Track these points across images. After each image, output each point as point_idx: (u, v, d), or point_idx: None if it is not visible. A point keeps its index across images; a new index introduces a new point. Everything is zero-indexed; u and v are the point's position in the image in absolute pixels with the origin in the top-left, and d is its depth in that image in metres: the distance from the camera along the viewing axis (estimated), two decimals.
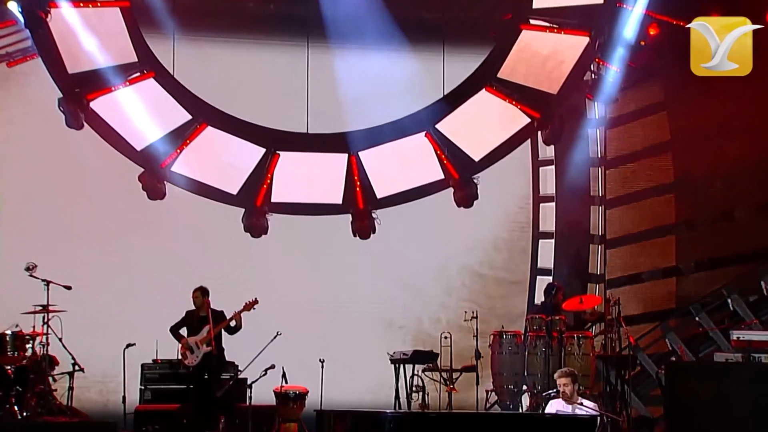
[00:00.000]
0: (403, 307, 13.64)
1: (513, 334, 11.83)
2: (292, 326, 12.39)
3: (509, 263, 13.94)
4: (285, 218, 13.08)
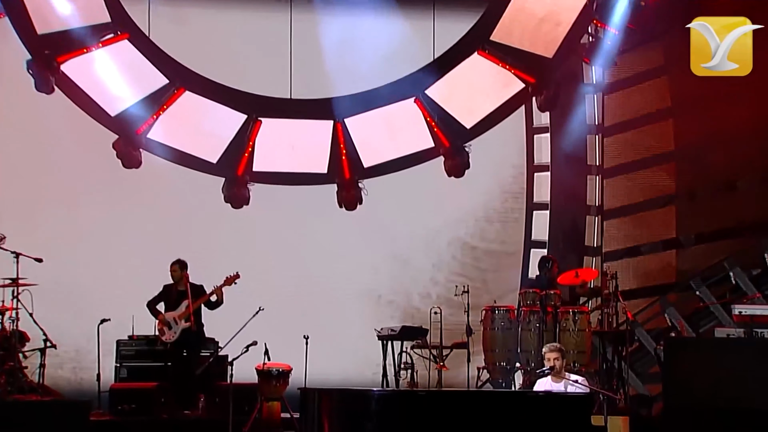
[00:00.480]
0: (391, 281, 13.65)
1: (506, 309, 11.86)
2: (274, 301, 12.40)
3: (502, 235, 13.94)
4: (267, 188, 13.06)
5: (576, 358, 11.51)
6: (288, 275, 13.21)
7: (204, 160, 12.55)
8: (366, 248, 13.48)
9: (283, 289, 13.07)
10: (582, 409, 8.35)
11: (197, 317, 11.40)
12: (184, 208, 12.96)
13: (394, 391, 10.76)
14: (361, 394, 8.25)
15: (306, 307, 13.11)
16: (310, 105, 12.75)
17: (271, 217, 13.20)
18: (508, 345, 11.75)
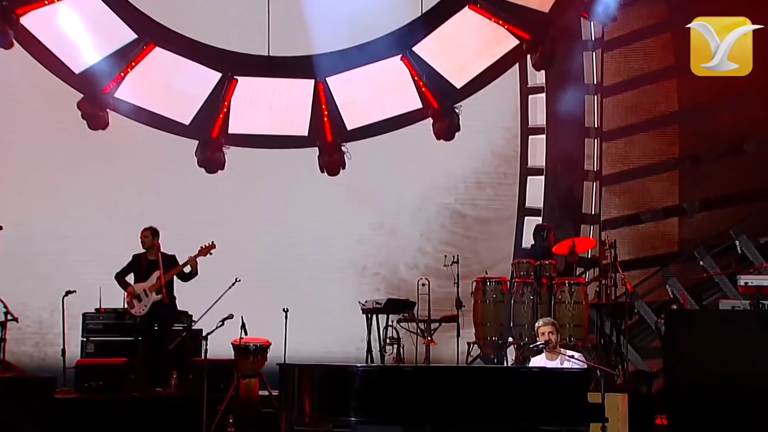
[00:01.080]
0: (377, 251, 13.65)
1: (498, 281, 11.86)
2: (252, 272, 12.37)
3: (494, 202, 13.93)
4: (244, 152, 13.02)
5: (572, 332, 11.52)
6: (266, 245, 13.19)
7: (176, 122, 12.51)
8: (349, 216, 13.48)
9: (262, 260, 13.06)
10: (578, 385, 8.35)
11: (169, 289, 11.36)
12: (154, 173, 12.91)
13: (379, 367, 10.76)
14: (344, 370, 8.24)
15: (285, 278, 13.11)
16: (290, 63, 12.69)
17: (248, 182, 13.17)
18: (500, 318, 11.76)
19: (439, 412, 8.10)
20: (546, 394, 8.26)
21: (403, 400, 8.03)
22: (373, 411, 7.99)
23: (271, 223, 13.26)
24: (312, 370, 8.30)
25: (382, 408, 8.01)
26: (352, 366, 8.33)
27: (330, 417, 7.98)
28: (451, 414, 8.12)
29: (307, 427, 8.23)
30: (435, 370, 8.73)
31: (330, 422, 7.97)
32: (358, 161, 13.27)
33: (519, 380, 8.38)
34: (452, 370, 8.88)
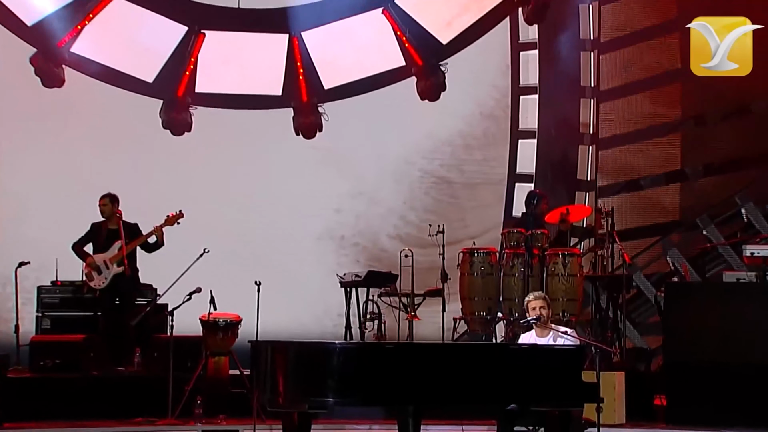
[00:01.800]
0: (355, 220, 13.64)
1: (486, 252, 11.88)
2: (221, 243, 12.38)
3: (482, 167, 13.94)
4: (212, 113, 12.99)
5: (566, 306, 11.56)
6: (237, 213, 13.18)
7: (138, 80, 12.46)
8: (326, 182, 13.47)
9: (232, 229, 13.04)
10: (572, 364, 8.37)
11: (131, 260, 11.33)
12: (115, 135, 12.85)
13: (358, 343, 10.77)
14: (320, 347, 8.22)
15: (258, 249, 13.10)
16: (262, 16, 12.64)
17: (217, 146, 13.13)
18: (489, 292, 11.79)
19: (422, 392, 8.11)
20: (537, 373, 8.27)
21: (385, 380, 8.04)
22: (352, 391, 7.98)
23: (242, 190, 13.23)
24: (286, 348, 8.29)
25: (362, 388, 8.00)
26: (329, 343, 8.31)
27: (306, 398, 7.97)
28: (436, 394, 8.14)
29: (281, 408, 8.23)
30: (419, 347, 8.71)
31: (306, 403, 7.96)
32: (336, 123, 13.23)
33: (508, 358, 8.38)
34: (437, 348, 8.87)
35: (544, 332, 9.07)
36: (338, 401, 8.00)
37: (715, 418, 10.44)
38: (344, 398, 8.01)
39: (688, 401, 10.66)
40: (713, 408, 10.51)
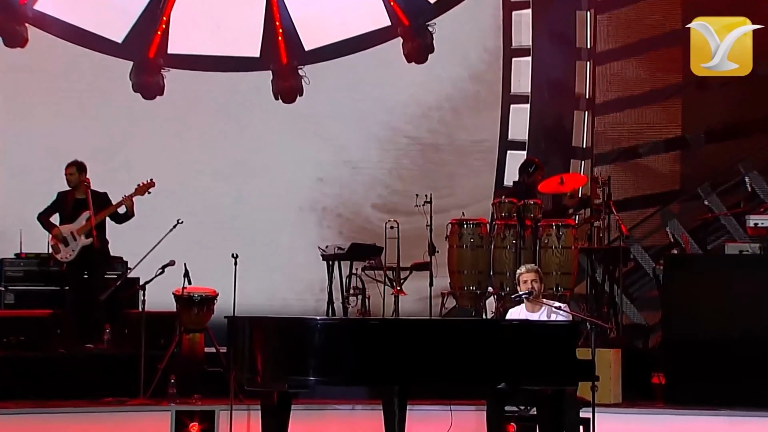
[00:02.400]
0: (339, 190, 13.65)
1: (476, 223, 11.90)
2: (196, 213, 12.40)
3: (472, 134, 13.96)
4: (186, 75, 12.96)
5: (559, 280, 11.60)
6: (213, 182, 13.17)
7: (106, 40, 12.42)
8: (307, 150, 13.47)
9: (207, 199, 13.05)
10: (566, 340, 8.39)
11: (100, 232, 11.31)
12: (82, 99, 12.82)
13: (341, 320, 10.79)
14: (301, 323, 8.23)
15: (235, 220, 13.11)
16: None
17: (191, 111, 13.12)
18: (479, 266, 11.81)
19: (408, 371, 8.14)
20: (529, 350, 8.30)
21: (369, 358, 8.05)
22: (334, 369, 8.00)
23: (217, 157, 13.22)
24: (265, 324, 8.30)
25: (345, 366, 8.02)
26: (310, 319, 8.32)
27: (286, 376, 7.99)
28: (423, 373, 8.16)
29: (260, 387, 8.25)
30: (404, 323, 8.75)
31: (285, 382, 7.97)
32: (318, 87, 13.21)
33: (499, 335, 8.41)
34: (424, 324, 8.90)
35: (536, 307, 9.09)
36: (320, 380, 8.02)
37: (716, 398, 10.50)
38: (326, 377, 8.03)
39: (687, 379, 10.72)
40: (714, 387, 10.56)
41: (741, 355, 10.53)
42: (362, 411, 10.49)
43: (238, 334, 8.47)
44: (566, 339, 8.42)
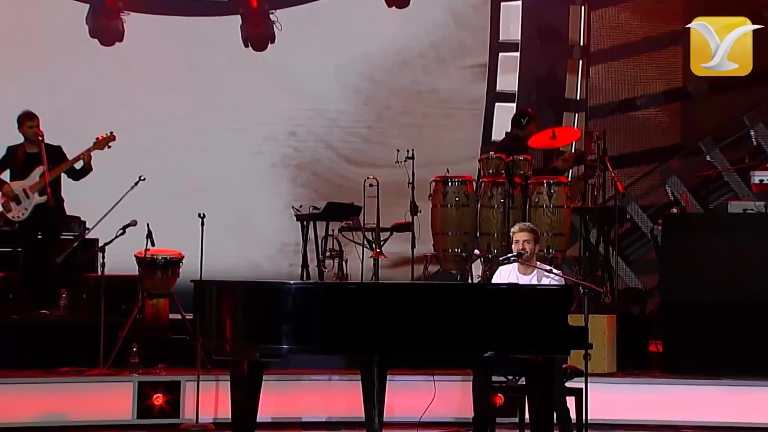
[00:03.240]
0: (314, 145, 13.64)
1: (461, 181, 11.92)
2: (161, 169, 12.37)
3: (457, 84, 13.97)
4: (148, 20, 12.87)
5: (551, 242, 11.65)
6: (178, 135, 13.15)
7: None
8: (280, 102, 13.45)
9: (172, 154, 13.04)
10: (557, 305, 8.44)
11: (55, 189, 11.29)
12: (34, 45, 12.74)
13: (316, 284, 10.82)
14: (273, 288, 8.25)
15: (202, 176, 13.10)
16: None
17: (154, 58, 13.07)
18: (464, 226, 11.85)
19: (389, 339, 8.16)
20: (518, 316, 8.34)
21: (346, 325, 8.08)
22: (309, 337, 8.02)
23: (182, 109, 13.19)
24: (234, 288, 8.32)
25: (321, 334, 8.04)
26: (283, 283, 8.32)
27: (257, 344, 8.01)
28: (404, 341, 8.20)
29: (229, 356, 8.27)
30: (385, 288, 8.76)
31: (257, 351, 7.99)
32: (291, 33, 13.16)
33: (486, 300, 8.43)
34: (405, 288, 8.91)
35: (529, 270, 9.09)
36: (293, 348, 8.04)
37: (718, 366, 10.60)
38: (300, 345, 8.05)
39: (687, 347, 10.81)
40: (715, 354, 10.65)
41: (745, 320, 10.62)
42: (339, 381, 10.55)
43: (205, 300, 8.48)
44: (557, 304, 8.46)
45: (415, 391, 10.06)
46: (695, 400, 10.41)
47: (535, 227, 9.24)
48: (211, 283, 8.55)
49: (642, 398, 10.50)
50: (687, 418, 10.38)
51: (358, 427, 9.71)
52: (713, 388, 10.46)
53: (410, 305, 8.23)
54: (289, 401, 10.42)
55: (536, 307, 8.42)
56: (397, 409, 10.01)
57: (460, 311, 8.28)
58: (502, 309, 8.35)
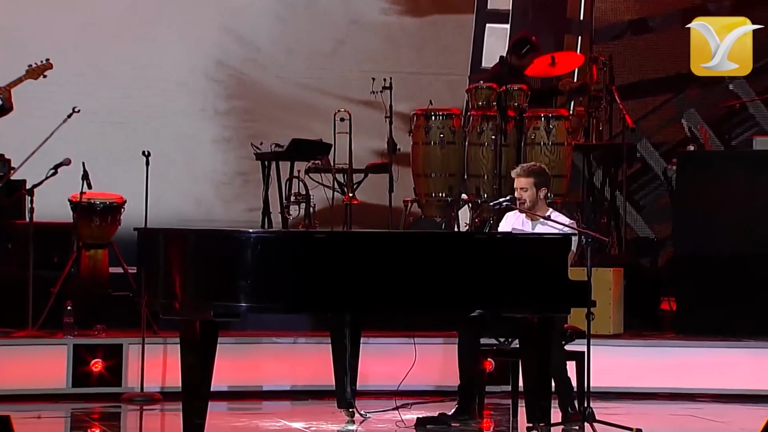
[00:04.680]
0: (276, 71, 13.59)
1: (447, 114, 11.94)
2: (98, 101, 12.35)
3: (442, 1, 13.90)
4: None
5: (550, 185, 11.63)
6: (117, 63, 13.09)
7: None
8: (232, 20, 13.42)
9: (111, 84, 12.98)
10: (556, 257, 8.49)
11: None
12: None
13: (280, 232, 10.84)
14: (230, 236, 8.25)
15: (146, 109, 13.06)
16: None
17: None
18: (450, 167, 11.89)
19: (363, 296, 8.20)
20: (511, 270, 8.39)
21: (314, 280, 8.10)
22: (271, 294, 8.04)
23: (121, 32, 13.11)
24: (185, 237, 8.32)
25: (285, 290, 8.06)
26: (242, 232, 8.32)
27: (211, 302, 8.02)
28: (380, 298, 8.24)
29: (179, 316, 8.29)
30: (358, 237, 8.79)
31: (210, 309, 8.01)
32: None
33: (474, 251, 8.47)
34: (382, 238, 8.93)
35: (535, 218, 9.07)
36: (253, 307, 8.06)
37: (738, 326, 10.69)
38: (261, 303, 8.07)
39: (704, 305, 10.88)
40: (735, 313, 10.73)
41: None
42: (306, 345, 10.61)
43: (151, 251, 8.49)
44: (556, 256, 8.51)
45: (392, 355, 10.13)
46: (713, 365, 10.50)
47: (541, 168, 9.17)
48: (157, 232, 8.58)
49: (652, 362, 10.59)
50: (703, 385, 10.48)
51: (327, 397, 9.80)
52: (733, 351, 10.54)
53: (387, 257, 8.26)
54: (249, 368, 10.48)
55: (531, 259, 8.46)
56: (372, 376, 10.09)
57: (444, 264, 8.32)
58: (492, 261, 8.39)
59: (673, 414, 9.93)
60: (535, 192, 9.01)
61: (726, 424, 9.50)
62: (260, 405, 10.32)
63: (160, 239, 8.43)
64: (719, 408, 10.16)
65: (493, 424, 9.49)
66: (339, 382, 9.26)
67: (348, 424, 9.17)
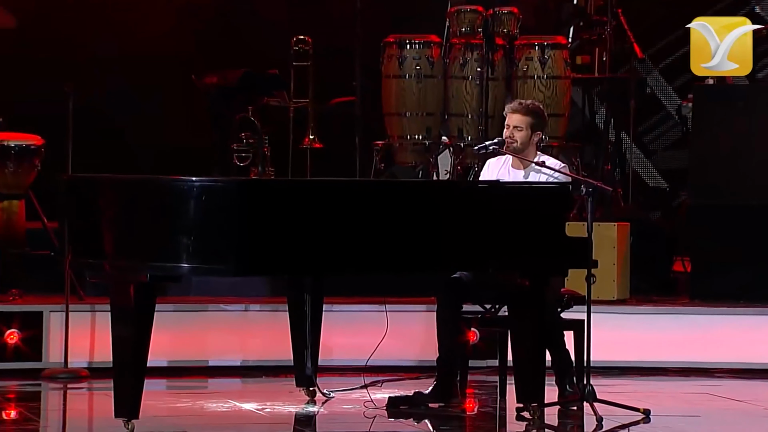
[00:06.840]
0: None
1: (424, 42, 11.95)
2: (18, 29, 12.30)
3: None
4: None
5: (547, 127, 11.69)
6: None
7: None
8: None
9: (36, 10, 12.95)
10: (550, 210, 8.52)
11: None
12: None
13: (228, 180, 10.82)
14: (169, 185, 8.23)
15: (71, 33, 13.00)
16: None
17: None
18: (428, 105, 11.94)
19: (326, 255, 8.20)
20: (498, 224, 8.41)
21: (269, 236, 8.09)
22: (218, 253, 8.03)
23: None
24: (116, 186, 8.35)
25: (234, 248, 8.05)
26: (183, 180, 8.27)
27: (146, 263, 8.02)
28: (346, 257, 8.26)
29: (110, 278, 8.30)
30: (320, 186, 8.77)
31: (147, 271, 8.01)
32: None
33: (455, 202, 8.49)
34: (348, 187, 8.93)
35: (523, 164, 9.08)
36: (197, 268, 8.04)
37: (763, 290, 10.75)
38: (206, 264, 8.05)
39: (723, 266, 10.95)
40: (759, 275, 10.80)
41: None
42: (259, 313, 10.66)
43: (76, 202, 8.50)
44: (551, 208, 8.54)
45: (360, 324, 10.20)
46: (733, 336, 10.58)
47: (541, 109, 9.19)
48: (83, 180, 8.60)
49: (663, 333, 10.67)
50: (722, 359, 10.56)
51: (284, 374, 9.85)
52: (756, 320, 10.62)
53: (354, 210, 8.28)
54: (192, 339, 10.52)
55: (522, 211, 8.48)
56: (337, 349, 10.15)
57: (420, 217, 8.33)
58: (477, 214, 8.40)
59: (686, 392, 10.02)
60: (529, 134, 9.03)
61: (748, 404, 9.57)
62: (206, 383, 10.38)
63: (87, 188, 8.45)
64: (740, 385, 10.25)
65: (478, 405, 9.54)
66: (298, 357, 9.29)
67: (308, 405, 9.20)
